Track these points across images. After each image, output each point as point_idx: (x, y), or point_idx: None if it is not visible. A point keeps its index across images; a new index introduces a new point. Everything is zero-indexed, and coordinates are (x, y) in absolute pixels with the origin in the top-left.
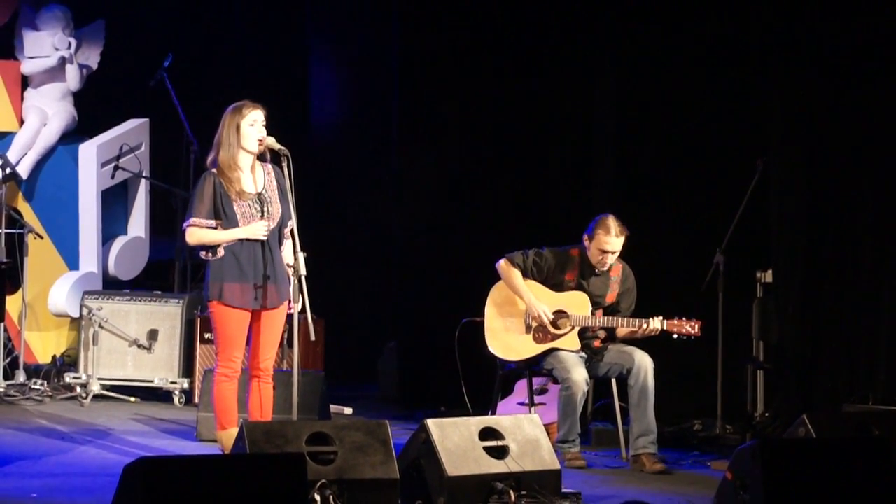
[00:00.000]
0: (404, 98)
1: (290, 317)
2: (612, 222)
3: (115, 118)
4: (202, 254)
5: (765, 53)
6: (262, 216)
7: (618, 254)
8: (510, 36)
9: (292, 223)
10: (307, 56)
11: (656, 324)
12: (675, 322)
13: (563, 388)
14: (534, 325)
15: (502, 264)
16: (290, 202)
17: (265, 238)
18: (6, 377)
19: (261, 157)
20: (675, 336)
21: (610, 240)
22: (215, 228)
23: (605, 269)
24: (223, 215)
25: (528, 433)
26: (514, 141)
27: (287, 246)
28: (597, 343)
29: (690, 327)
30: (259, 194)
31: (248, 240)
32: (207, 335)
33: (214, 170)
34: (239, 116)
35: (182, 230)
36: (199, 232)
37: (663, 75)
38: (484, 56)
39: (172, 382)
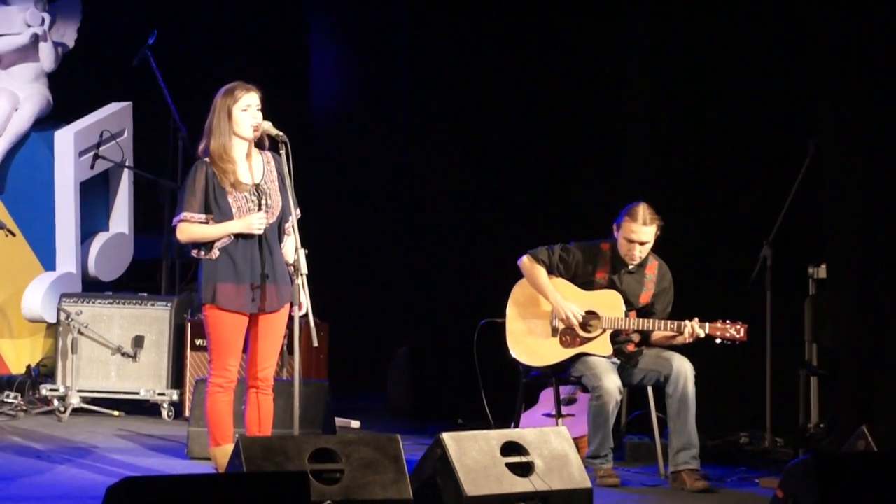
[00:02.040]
0: (415, 78)
1: (291, 321)
2: (641, 209)
3: (94, 102)
4: (194, 252)
5: (815, 20)
6: (260, 209)
7: (648, 245)
8: (533, 9)
9: (294, 217)
10: (307, 32)
11: (697, 328)
12: (718, 325)
13: (593, 397)
14: (561, 327)
15: (525, 261)
16: (291, 193)
17: (261, 232)
18: None
19: (258, 145)
20: (718, 341)
21: (636, 227)
22: (207, 224)
23: (635, 262)
24: (216, 209)
25: (555, 448)
26: (536, 125)
27: (288, 243)
28: (631, 347)
29: (735, 331)
30: (257, 185)
31: (243, 236)
32: (199, 342)
33: (207, 159)
34: (231, 100)
35: (172, 226)
36: (190, 228)
37: (701, 48)
38: (505, 33)
39: (160, 394)
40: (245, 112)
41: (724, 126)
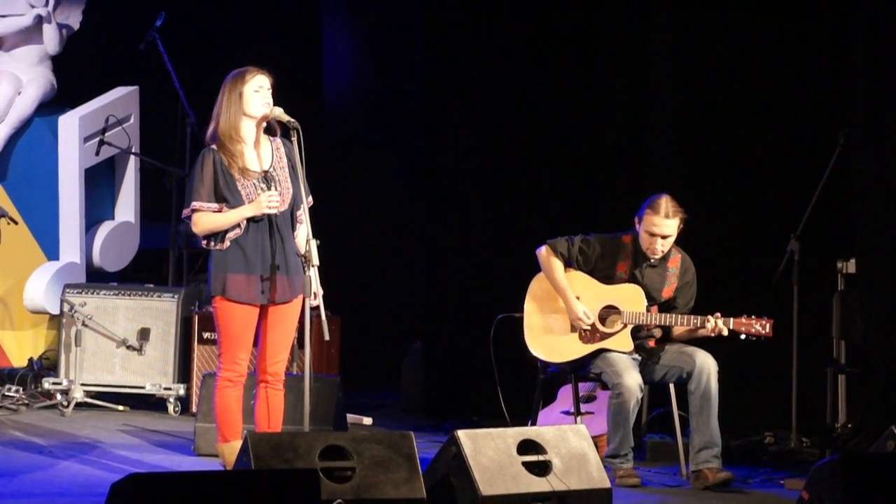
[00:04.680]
0: (431, 65)
1: (302, 314)
2: (663, 202)
3: (99, 86)
4: (203, 243)
5: (847, 8)
6: None
7: (671, 239)
8: None
9: (305, 205)
10: (320, 16)
11: (721, 324)
12: (743, 321)
13: (613, 394)
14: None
15: (543, 252)
16: (302, 181)
17: (274, 211)
18: None
19: (268, 131)
20: (743, 337)
21: (658, 220)
22: (221, 212)
23: (657, 256)
24: (229, 196)
25: (573, 446)
26: (556, 113)
27: (300, 232)
28: (652, 343)
29: (760, 327)
30: (266, 172)
31: (255, 225)
32: (206, 334)
33: (214, 145)
34: (241, 83)
35: (184, 218)
36: (203, 218)
37: (727, 34)
38: (524, 18)
39: (167, 389)
40: (257, 93)
41: (750, 115)
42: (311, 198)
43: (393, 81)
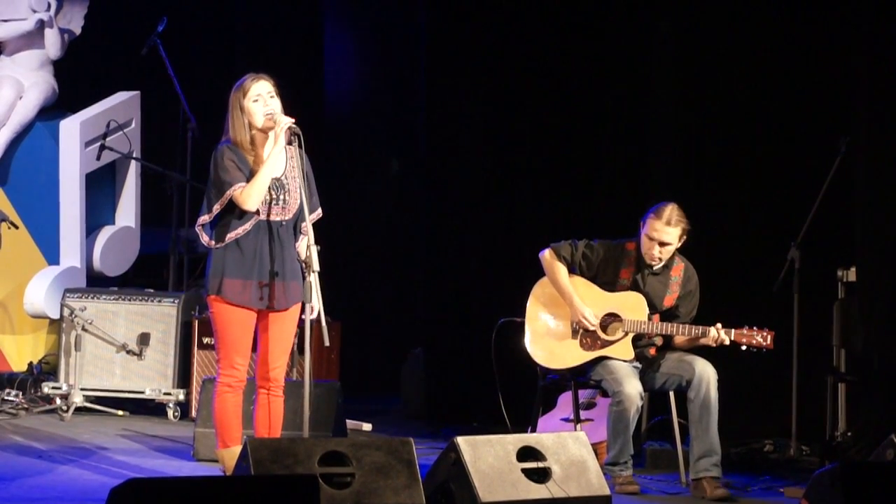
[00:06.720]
0: (433, 67)
1: (301, 320)
2: (668, 209)
3: (101, 91)
4: (204, 241)
5: (850, 11)
6: (273, 204)
7: (670, 248)
8: None
9: (317, 214)
10: (321, 20)
11: (722, 334)
12: (745, 332)
13: (613, 402)
14: (581, 329)
15: (546, 255)
16: (313, 191)
17: (289, 124)
18: None
19: None
20: (743, 348)
21: (659, 226)
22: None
23: (655, 263)
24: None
25: (573, 454)
26: (559, 118)
27: (301, 240)
28: (653, 351)
29: (762, 338)
30: (278, 179)
31: (256, 230)
32: (206, 340)
33: (228, 144)
34: (241, 94)
35: (235, 201)
36: (248, 190)
37: (730, 43)
38: (526, 22)
39: (166, 394)
40: (256, 102)
41: (751, 123)
42: (320, 210)
43: (394, 85)
